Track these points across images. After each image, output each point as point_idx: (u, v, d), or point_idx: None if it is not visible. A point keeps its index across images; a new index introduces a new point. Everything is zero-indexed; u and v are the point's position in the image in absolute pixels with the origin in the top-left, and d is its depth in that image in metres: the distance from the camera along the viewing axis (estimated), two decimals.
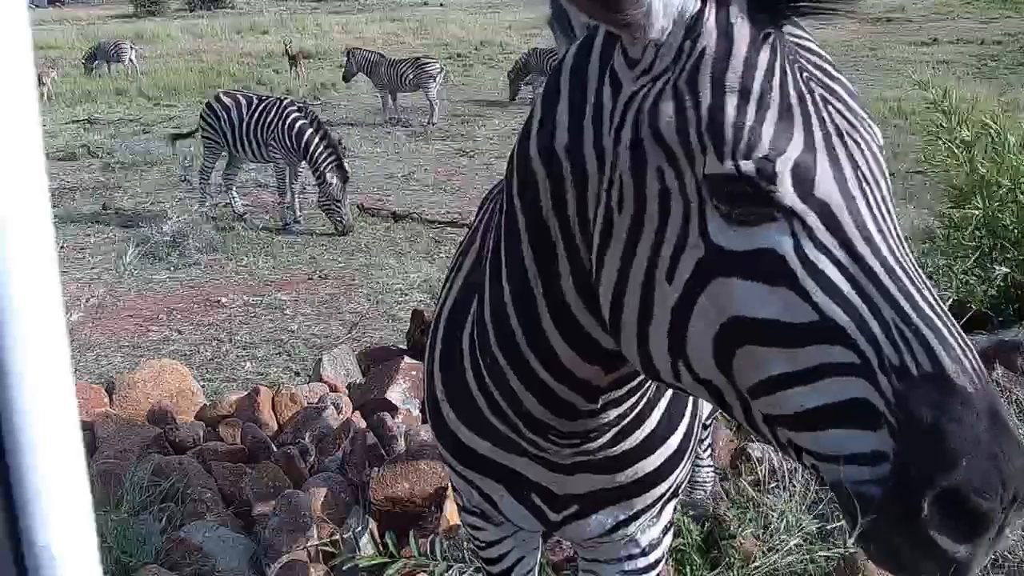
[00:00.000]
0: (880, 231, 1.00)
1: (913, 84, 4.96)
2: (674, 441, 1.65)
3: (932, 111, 5.05)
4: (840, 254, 0.99)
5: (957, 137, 4.78)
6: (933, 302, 0.98)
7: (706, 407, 2.09)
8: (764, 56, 1.05)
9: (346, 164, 10.07)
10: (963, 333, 0.98)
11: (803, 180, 1.00)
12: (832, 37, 25.16)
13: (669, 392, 1.61)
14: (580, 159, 1.21)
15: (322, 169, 9.92)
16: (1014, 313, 4.56)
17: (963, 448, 0.90)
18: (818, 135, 1.02)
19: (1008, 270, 4.45)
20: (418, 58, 18.15)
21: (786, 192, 1.00)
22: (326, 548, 3.22)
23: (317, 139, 10.03)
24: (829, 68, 1.11)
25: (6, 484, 0.50)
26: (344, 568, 2.99)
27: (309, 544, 3.23)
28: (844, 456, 0.98)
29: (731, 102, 1.02)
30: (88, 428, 4.12)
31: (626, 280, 1.14)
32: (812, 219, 0.99)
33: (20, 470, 0.50)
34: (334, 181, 9.77)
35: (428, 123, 16.88)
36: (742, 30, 1.06)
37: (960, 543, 0.92)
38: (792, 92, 1.04)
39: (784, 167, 1.00)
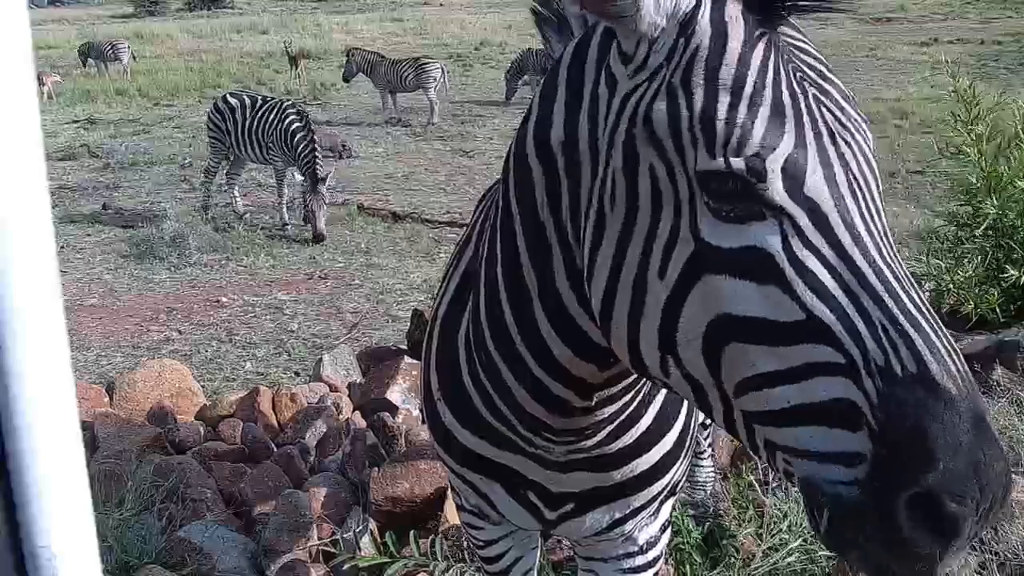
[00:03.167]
0: (869, 231, 1.00)
1: (948, 74, 4.92)
2: (670, 439, 1.65)
3: (952, 102, 5.01)
4: (829, 254, 0.99)
5: (972, 132, 4.76)
6: (920, 304, 0.98)
7: None
8: (758, 54, 1.05)
9: (320, 170, 9.88)
10: (949, 336, 0.98)
11: (793, 178, 1.00)
12: (832, 37, 25.16)
13: (664, 390, 1.61)
14: (575, 155, 1.22)
15: (300, 170, 9.90)
16: (1014, 313, 4.56)
17: (944, 450, 0.89)
18: (809, 134, 1.02)
19: (1017, 273, 4.43)
20: (418, 58, 18.14)
21: (776, 190, 1.00)
22: (326, 548, 3.22)
23: (304, 143, 9.98)
24: (823, 70, 1.11)
25: (6, 484, 0.50)
26: (344, 568, 2.99)
27: (309, 544, 3.23)
28: (822, 454, 0.98)
29: (723, 99, 1.03)
30: (88, 428, 4.12)
31: (618, 276, 1.14)
32: (801, 217, 1.00)
33: (20, 470, 0.50)
34: (306, 183, 9.72)
35: (428, 123, 16.88)
36: (736, 28, 1.06)
37: (931, 545, 0.92)
38: (785, 91, 1.04)
39: (774, 165, 1.00)
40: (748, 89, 1.03)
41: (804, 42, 1.13)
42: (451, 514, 3.25)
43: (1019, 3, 33.25)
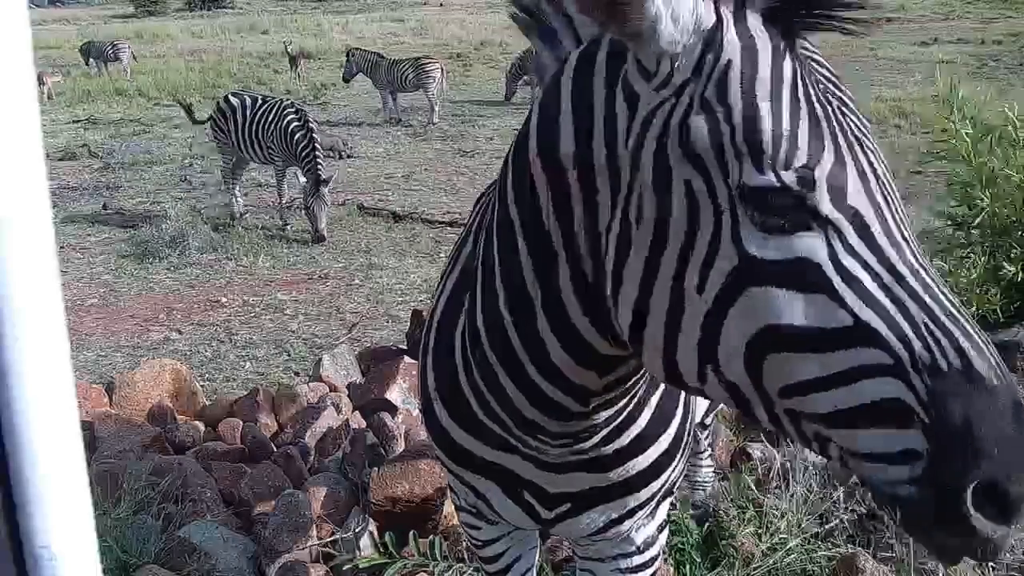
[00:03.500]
0: (903, 235, 1.04)
1: (931, 80, 4.97)
2: (666, 440, 1.65)
3: (940, 105, 5.05)
4: (871, 259, 1.02)
5: (963, 131, 4.77)
6: (954, 301, 1.02)
7: (700, 406, 2.09)
8: (788, 68, 1.07)
9: (322, 171, 9.81)
10: (981, 329, 1.02)
11: (836, 188, 1.02)
12: (832, 37, 25.11)
13: (659, 391, 1.61)
14: (590, 172, 1.20)
15: (302, 171, 9.89)
16: (1014, 312, 4.55)
17: (995, 439, 0.94)
18: (843, 145, 1.05)
19: (1015, 269, 4.43)
20: (418, 58, 18.13)
21: (823, 201, 1.02)
22: (326, 548, 3.22)
23: (304, 143, 9.96)
24: (836, 80, 1.14)
25: (6, 484, 0.50)
26: (344, 568, 2.99)
27: (309, 544, 3.23)
28: (878, 456, 1.00)
29: (765, 113, 1.04)
30: (88, 428, 4.12)
31: (649, 292, 1.13)
32: (846, 227, 1.02)
33: (20, 470, 0.50)
34: (307, 184, 9.71)
35: (428, 123, 16.88)
36: (764, 42, 1.08)
37: (998, 527, 0.96)
38: (816, 103, 1.06)
39: (821, 176, 1.02)
40: (786, 102, 1.04)
41: (816, 53, 1.15)
42: (451, 514, 3.26)
43: (1019, 3, 33.26)
